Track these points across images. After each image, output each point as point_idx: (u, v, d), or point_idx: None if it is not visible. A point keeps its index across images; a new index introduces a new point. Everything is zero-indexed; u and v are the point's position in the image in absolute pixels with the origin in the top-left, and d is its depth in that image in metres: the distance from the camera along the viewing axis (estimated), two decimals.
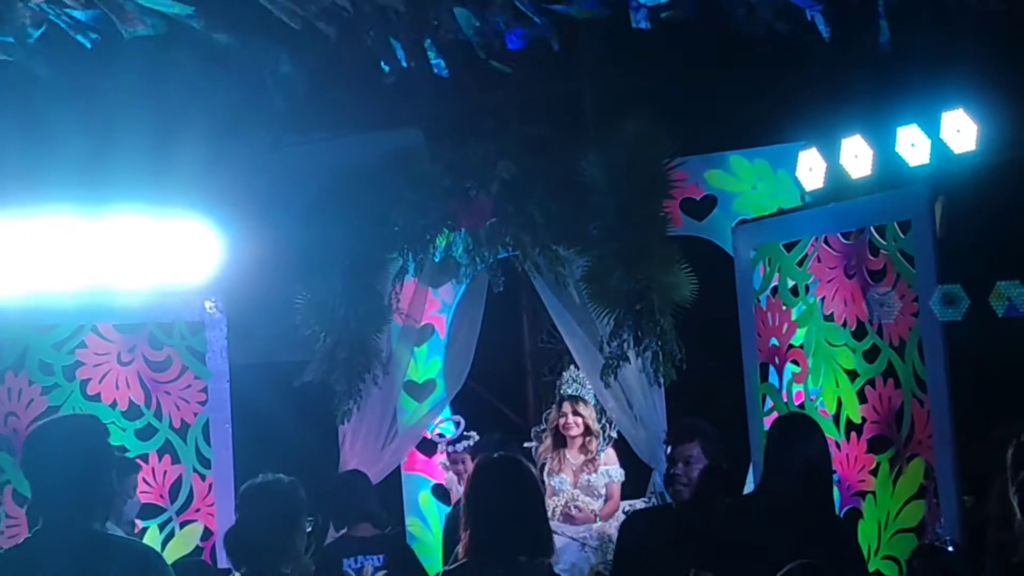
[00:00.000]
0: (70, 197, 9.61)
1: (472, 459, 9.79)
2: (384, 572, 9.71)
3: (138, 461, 9.41)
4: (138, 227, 9.67)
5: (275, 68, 8.83)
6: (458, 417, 11.24)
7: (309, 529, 7.32)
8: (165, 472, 9.57)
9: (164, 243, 9.68)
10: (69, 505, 5.61)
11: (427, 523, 11.59)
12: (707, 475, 8.19)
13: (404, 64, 9.08)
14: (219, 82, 9.39)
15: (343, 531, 9.44)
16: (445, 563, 8.40)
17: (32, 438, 5.99)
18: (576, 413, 10.69)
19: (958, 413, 8.84)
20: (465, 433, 11.02)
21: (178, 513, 9.67)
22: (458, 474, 10.78)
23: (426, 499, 11.67)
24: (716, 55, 8.55)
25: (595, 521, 10.69)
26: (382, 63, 9.06)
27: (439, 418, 11.45)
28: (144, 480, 9.42)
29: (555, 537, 6.66)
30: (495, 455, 6.62)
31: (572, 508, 10.69)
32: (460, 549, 5.91)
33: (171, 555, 9.28)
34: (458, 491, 10.57)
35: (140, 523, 9.37)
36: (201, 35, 8.08)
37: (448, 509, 10.94)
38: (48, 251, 9.51)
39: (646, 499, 10.80)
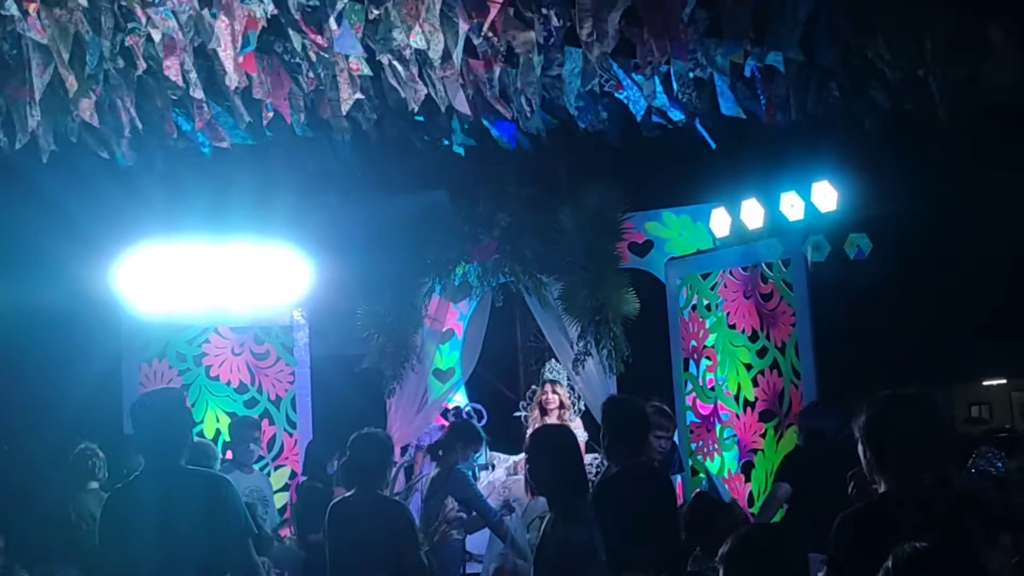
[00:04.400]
0: (201, 233, 9.86)
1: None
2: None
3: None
4: (248, 256, 9.93)
5: (341, 150, 8.95)
6: (479, 406, 11.34)
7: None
8: (264, 431, 9.65)
9: (267, 268, 9.93)
10: (160, 449, 5.88)
11: None
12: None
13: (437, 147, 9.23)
14: (303, 158, 9.44)
15: None
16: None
17: (135, 404, 6.19)
18: (554, 392, 10.85)
19: (822, 394, 9.11)
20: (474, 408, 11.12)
21: (273, 460, 9.86)
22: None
23: None
24: (655, 144, 8.65)
25: None
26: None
27: (455, 394, 11.43)
28: None
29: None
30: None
31: None
32: None
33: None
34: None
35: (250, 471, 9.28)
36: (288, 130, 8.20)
37: None
38: (183, 273, 9.79)
39: (597, 457, 10.02)
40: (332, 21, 6.12)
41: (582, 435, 10.36)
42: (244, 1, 5.79)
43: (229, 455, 9.05)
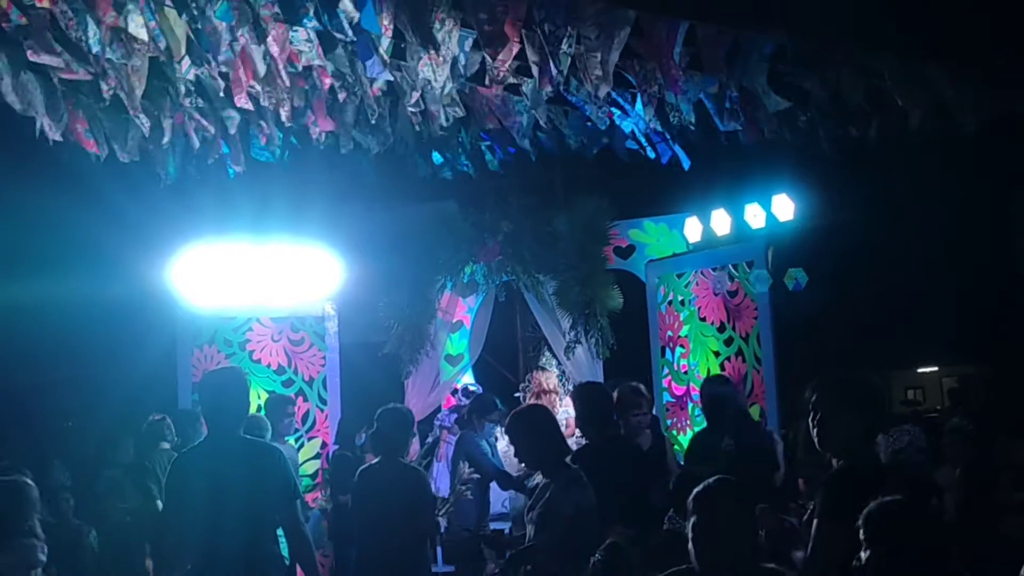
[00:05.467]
0: (246, 235, 9.87)
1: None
2: None
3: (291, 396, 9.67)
4: (286, 255, 9.92)
5: (366, 166, 8.84)
6: (477, 385, 11.16)
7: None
8: (299, 407, 9.72)
9: (302, 266, 9.92)
10: (221, 420, 5.98)
11: None
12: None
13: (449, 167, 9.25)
14: (333, 173, 9.35)
15: None
16: None
17: (202, 381, 6.47)
18: (545, 377, 10.68)
19: (780, 379, 9.32)
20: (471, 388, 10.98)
21: (307, 432, 9.85)
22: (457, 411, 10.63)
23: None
24: (637, 161, 8.62)
25: None
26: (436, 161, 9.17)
27: (464, 376, 11.40)
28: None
29: None
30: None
31: None
32: None
33: (302, 457, 9.70)
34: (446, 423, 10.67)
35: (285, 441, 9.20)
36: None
37: None
38: (230, 270, 9.80)
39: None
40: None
41: (572, 412, 10.13)
42: (293, 42, 5.77)
43: None
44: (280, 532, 6.11)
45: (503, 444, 9.93)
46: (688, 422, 10.15)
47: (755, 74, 6.18)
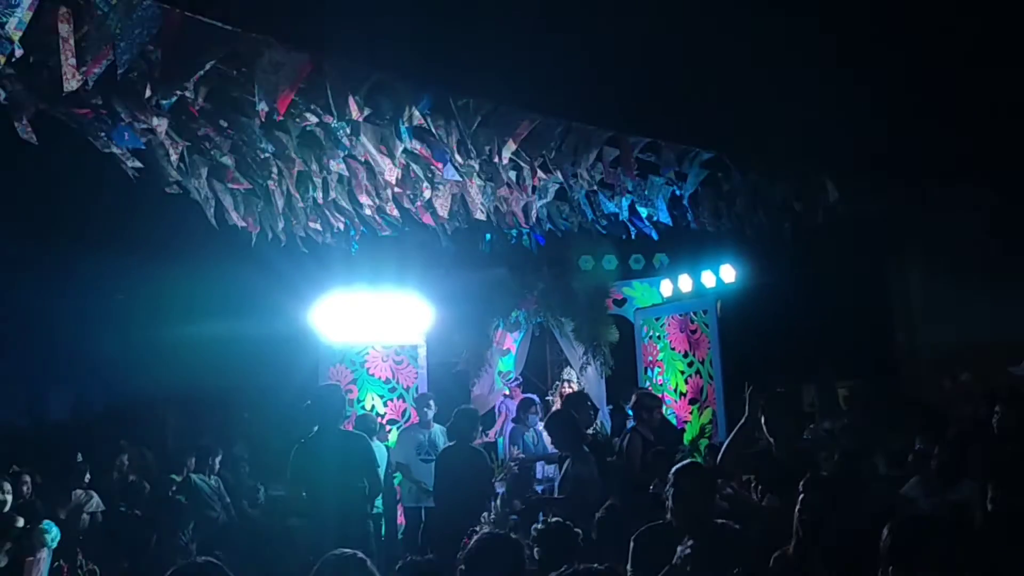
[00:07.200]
0: (365, 287, 9.61)
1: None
2: None
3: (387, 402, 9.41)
4: (392, 303, 9.67)
5: (445, 240, 8.65)
6: (519, 379, 11.03)
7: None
8: (397, 406, 9.53)
9: (403, 311, 9.69)
10: (330, 417, 6.08)
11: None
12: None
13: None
14: (423, 244, 8.62)
15: None
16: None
17: (315, 394, 6.42)
18: (567, 386, 10.36)
19: (726, 390, 9.23)
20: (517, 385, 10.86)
21: (405, 422, 9.38)
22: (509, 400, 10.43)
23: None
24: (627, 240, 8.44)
25: None
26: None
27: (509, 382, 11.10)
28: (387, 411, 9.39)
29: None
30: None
31: None
32: None
33: (394, 439, 9.15)
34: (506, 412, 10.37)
35: (389, 427, 9.26)
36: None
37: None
38: (355, 313, 9.56)
39: (595, 427, 10.03)
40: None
41: None
42: (391, 157, 5.28)
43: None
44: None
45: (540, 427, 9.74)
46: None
47: (694, 180, 5.89)
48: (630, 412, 7.55)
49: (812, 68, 4.63)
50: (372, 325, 9.69)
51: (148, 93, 3.78)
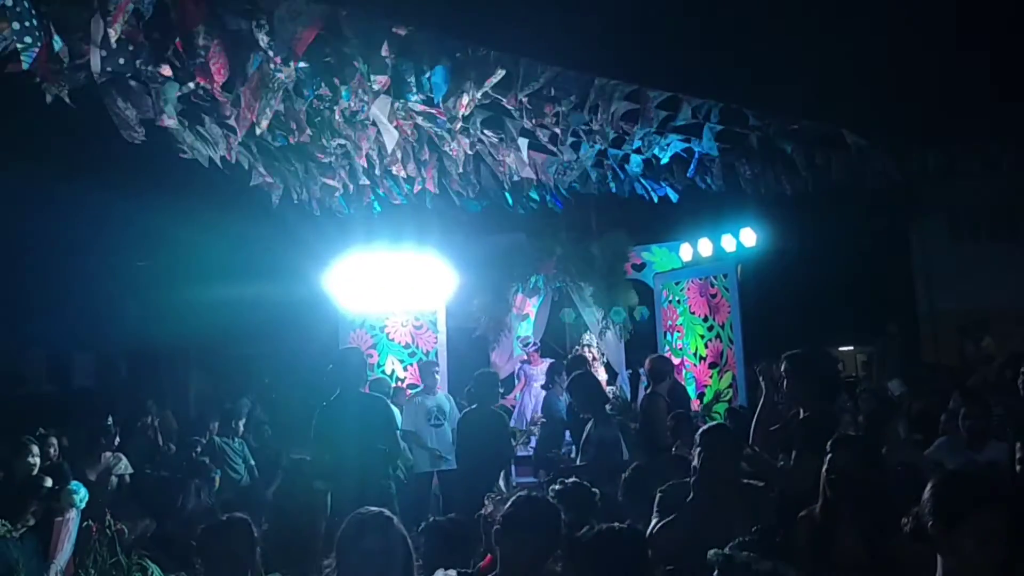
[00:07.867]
0: (384, 251, 9.38)
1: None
2: None
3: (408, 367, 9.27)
4: (412, 266, 9.46)
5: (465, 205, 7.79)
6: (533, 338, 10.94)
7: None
8: (417, 371, 9.03)
9: (423, 274, 9.48)
10: (352, 380, 6.08)
11: None
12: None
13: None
14: (443, 209, 8.32)
15: None
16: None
17: (336, 357, 6.36)
18: (588, 350, 10.67)
19: (745, 353, 9.15)
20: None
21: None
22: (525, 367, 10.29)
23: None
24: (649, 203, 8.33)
25: None
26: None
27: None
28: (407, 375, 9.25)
29: None
30: None
31: None
32: None
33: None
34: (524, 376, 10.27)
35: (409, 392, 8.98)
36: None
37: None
38: (375, 277, 9.37)
39: (614, 388, 10.16)
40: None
41: (603, 376, 10.26)
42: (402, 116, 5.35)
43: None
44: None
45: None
46: (681, 379, 9.78)
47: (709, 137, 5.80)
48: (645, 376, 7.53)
49: (833, 23, 4.52)
50: (392, 291, 9.59)
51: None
